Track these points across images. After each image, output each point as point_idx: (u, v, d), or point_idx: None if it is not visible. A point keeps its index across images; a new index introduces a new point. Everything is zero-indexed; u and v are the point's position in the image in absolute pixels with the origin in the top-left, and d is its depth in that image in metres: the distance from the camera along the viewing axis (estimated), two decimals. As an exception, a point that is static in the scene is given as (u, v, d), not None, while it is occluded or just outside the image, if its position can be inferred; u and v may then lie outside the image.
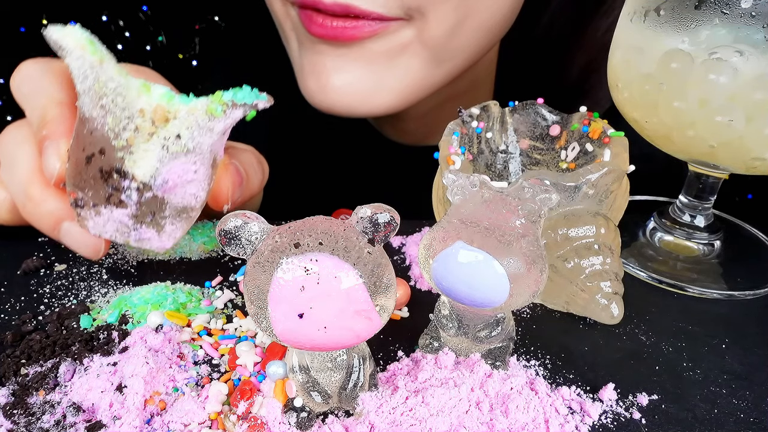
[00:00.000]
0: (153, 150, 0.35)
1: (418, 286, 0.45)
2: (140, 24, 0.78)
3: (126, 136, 0.34)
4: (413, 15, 0.50)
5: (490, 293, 0.30)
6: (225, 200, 0.41)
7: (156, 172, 0.35)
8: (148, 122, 0.34)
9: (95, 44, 0.34)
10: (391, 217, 0.28)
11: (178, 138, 0.34)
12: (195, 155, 0.35)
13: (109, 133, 0.34)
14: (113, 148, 0.34)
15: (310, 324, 0.27)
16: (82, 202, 0.36)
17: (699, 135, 0.41)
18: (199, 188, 0.37)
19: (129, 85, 0.34)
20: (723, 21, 0.38)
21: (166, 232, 0.38)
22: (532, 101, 0.48)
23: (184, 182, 0.36)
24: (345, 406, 0.33)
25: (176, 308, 0.41)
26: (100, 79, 0.33)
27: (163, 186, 0.36)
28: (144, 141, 0.35)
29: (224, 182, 0.40)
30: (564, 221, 0.41)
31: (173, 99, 0.35)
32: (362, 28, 0.49)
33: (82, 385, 0.33)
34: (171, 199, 0.37)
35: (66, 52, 0.33)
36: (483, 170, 0.49)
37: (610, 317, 0.40)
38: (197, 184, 0.37)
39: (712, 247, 0.50)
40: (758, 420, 0.34)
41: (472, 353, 0.35)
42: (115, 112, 0.34)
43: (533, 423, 0.32)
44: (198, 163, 0.36)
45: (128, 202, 0.36)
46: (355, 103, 0.54)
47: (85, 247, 0.39)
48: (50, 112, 0.37)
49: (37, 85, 0.39)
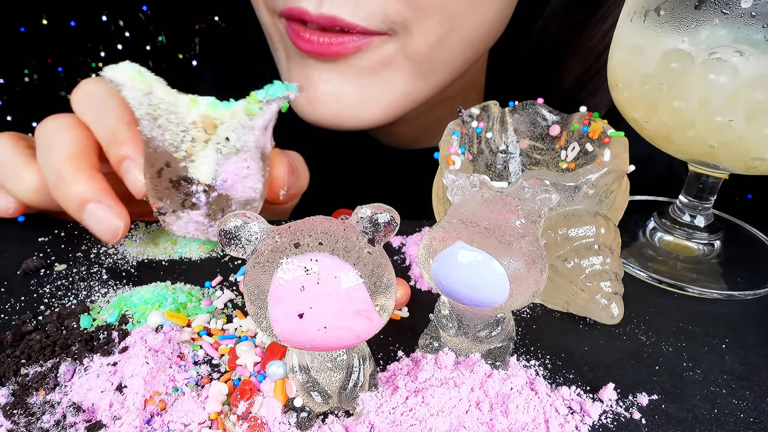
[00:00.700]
0: (210, 155, 0.39)
1: (418, 286, 0.45)
2: (140, 24, 0.78)
3: (185, 148, 0.39)
4: (397, 30, 0.51)
5: (490, 293, 0.30)
6: (281, 185, 0.45)
7: (215, 174, 0.40)
8: (201, 131, 0.39)
9: (143, 74, 0.39)
10: (391, 217, 0.28)
11: (227, 140, 0.39)
12: (244, 153, 0.40)
13: (170, 147, 0.39)
14: (176, 159, 0.39)
15: (310, 324, 0.27)
16: (164, 210, 0.42)
17: (699, 135, 0.41)
18: (255, 181, 0.42)
19: (178, 102, 0.38)
20: (723, 21, 0.38)
21: None
22: (532, 101, 0.48)
23: (241, 178, 0.41)
24: (345, 406, 0.33)
25: (176, 308, 0.41)
26: (152, 103, 0.38)
27: (223, 185, 0.41)
28: (201, 149, 0.39)
29: (278, 170, 0.45)
30: (564, 221, 0.41)
31: (218, 107, 0.39)
32: (346, 45, 0.50)
33: (82, 385, 0.33)
34: (233, 195, 0.42)
35: (120, 87, 0.38)
36: (483, 170, 0.49)
37: (610, 317, 0.40)
38: (252, 178, 0.41)
39: (712, 247, 0.50)
40: (758, 420, 0.34)
41: (472, 353, 0.35)
42: (170, 129, 0.39)
43: (533, 423, 0.32)
44: (248, 159, 0.40)
45: (199, 203, 0.41)
46: (343, 115, 0.55)
47: (105, 228, 0.41)
48: (123, 132, 0.41)
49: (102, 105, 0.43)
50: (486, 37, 0.56)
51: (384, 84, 0.54)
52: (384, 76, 0.54)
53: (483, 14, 0.53)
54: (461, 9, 0.51)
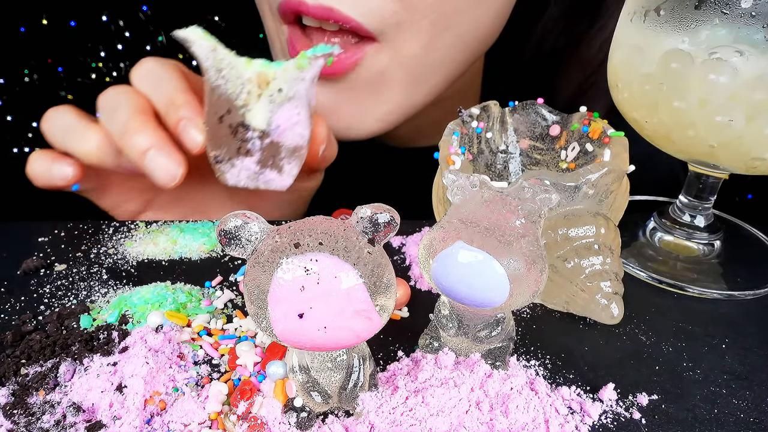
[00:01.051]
0: (264, 105, 0.44)
1: (418, 286, 0.45)
2: (140, 24, 0.78)
3: (243, 98, 0.43)
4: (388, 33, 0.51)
5: (490, 293, 0.30)
6: (322, 141, 0.49)
7: (270, 120, 0.44)
8: (255, 86, 0.43)
9: (209, 36, 0.44)
10: (391, 217, 0.28)
11: (280, 91, 0.44)
12: (296, 100, 0.44)
13: (232, 95, 0.43)
14: (236, 107, 0.44)
15: (310, 324, 0.27)
16: (220, 157, 0.45)
17: (699, 135, 0.41)
18: (303, 128, 0.46)
19: (237, 61, 0.44)
20: (723, 21, 0.38)
21: (285, 171, 0.47)
22: (531, 101, 0.48)
23: (292, 125, 0.45)
24: (345, 406, 0.33)
25: (176, 308, 0.41)
26: (217, 57, 0.43)
27: (276, 130, 0.45)
28: (255, 101, 0.44)
29: (319, 127, 0.48)
30: (564, 221, 0.41)
31: (270, 65, 0.44)
32: (344, 62, 0.52)
33: (82, 385, 0.33)
34: (284, 141, 0.45)
35: (191, 42, 0.43)
36: (483, 170, 0.49)
37: (610, 317, 0.40)
38: (302, 125, 0.46)
39: (712, 247, 0.50)
40: (758, 420, 0.34)
41: (472, 353, 0.35)
42: (232, 80, 0.43)
43: (533, 423, 0.32)
44: (299, 106, 0.45)
45: (253, 149, 0.45)
46: (341, 128, 0.57)
47: (166, 173, 0.45)
48: (179, 97, 0.46)
49: (159, 77, 0.47)
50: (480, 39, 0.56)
51: (380, 96, 0.55)
52: (380, 89, 0.55)
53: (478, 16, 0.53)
54: (455, 9, 0.51)
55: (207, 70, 0.43)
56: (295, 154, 0.47)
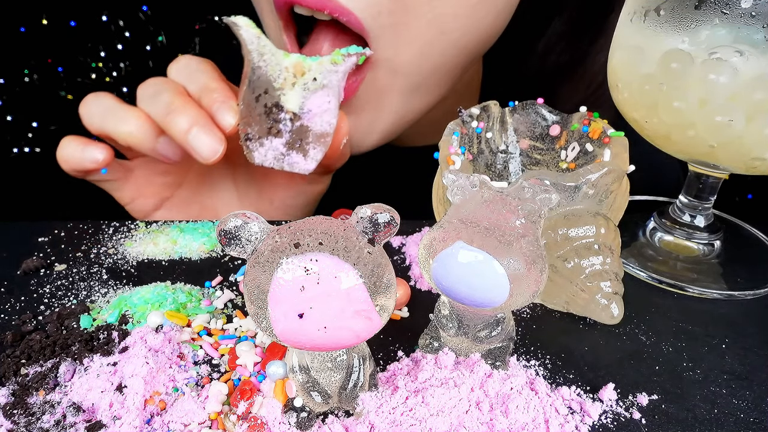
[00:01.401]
0: (298, 91, 0.48)
1: (418, 286, 0.45)
2: (140, 24, 0.78)
3: (280, 82, 0.48)
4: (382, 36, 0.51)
5: (490, 293, 0.30)
6: (344, 135, 0.52)
7: (302, 104, 0.48)
8: (292, 75, 0.48)
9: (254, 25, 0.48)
10: (391, 217, 0.28)
11: (315, 80, 0.48)
12: (328, 89, 0.48)
13: (271, 77, 0.48)
14: (273, 88, 0.48)
15: (310, 324, 0.27)
16: (251, 135, 0.48)
17: (699, 135, 0.41)
18: (331, 116, 0.49)
19: (277, 51, 0.48)
20: (723, 21, 0.38)
21: (309, 156, 0.50)
22: (532, 101, 0.48)
23: (321, 111, 0.49)
24: (345, 406, 0.33)
25: (176, 308, 0.41)
26: (261, 43, 0.47)
27: (307, 114, 0.48)
28: (290, 88, 0.48)
29: (343, 122, 0.52)
30: (564, 221, 0.41)
31: (306, 59, 0.48)
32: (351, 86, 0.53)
33: (82, 385, 0.33)
34: (313, 126, 0.49)
35: (239, 27, 0.47)
36: (483, 170, 0.49)
37: (610, 317, 0.40)
38: (330, 113, 0.49)
39: (712, 247, 0.50)
40: (758, 420, 0.34)
41: (472, 353, 0.35)
42: (272, 65, 0.47)
43: (533, 423, 0.32)
44: (330, 95, 0.49)
45: (284, 130, 0.49)
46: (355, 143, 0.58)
47: (208, 149, 0.47)
48: (213, 84, 0.50)
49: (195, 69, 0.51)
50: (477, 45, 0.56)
51: (381, 111, 0.56)
52: (380, 104, 0.56)
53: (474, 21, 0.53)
54: (451, 13, 0.51)
55: (250, 52, 0.47)
56: (320, 140, 0.50)
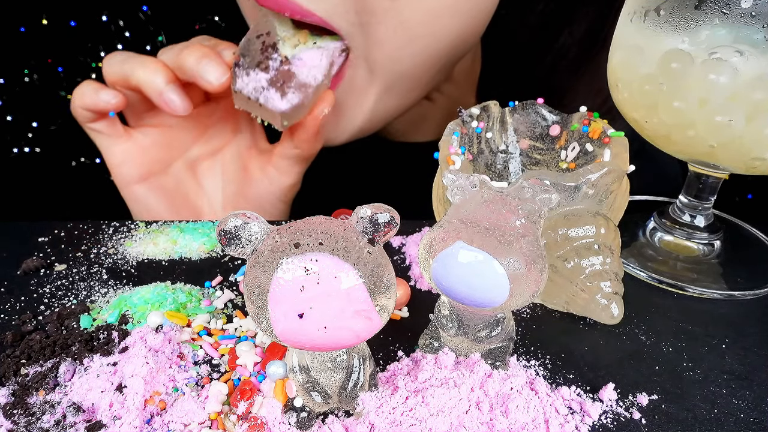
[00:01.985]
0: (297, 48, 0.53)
1: (418, 286, 0.45)
2: (140, 24, 0.78)
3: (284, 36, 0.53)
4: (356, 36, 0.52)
5: (490, 293, 0.30)
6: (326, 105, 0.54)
7: (296, 53, 0.52)
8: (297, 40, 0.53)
9: None
10: (391, 217, 0.28)
11: (314, 43, 0.53)
12: (323, 50, 0.52)
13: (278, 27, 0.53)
14: (276, 34, 0.53)
15: (310, 324, 0.27)
16: (241, 63, 0.52)
17: (699, 135, 0.41)
18: (319, 72, 0.52)
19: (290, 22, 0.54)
20: (723, 21, 0.38)
21: (287, 97, 0.51)
22: (532, 101, 0.48)
23: (311, 66, 0.52)
24: (345, 406, 0.33)
25: (176, 308, 0.41)
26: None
27: (298, 62, 0.52)
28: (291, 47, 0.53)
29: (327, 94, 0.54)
30: (564, 221, 0.41)
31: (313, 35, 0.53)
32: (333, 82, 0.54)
33: (82, 385, 0.33)
34: (299, 74, 0.52)
35: None
36: (483, 170, 0.49)
37: (610, 317, 0.40)
38: (319, 70, 0.52)
39: (712, 247, 0.50)
40: (758, 420, 0.34)
41: (472, 353, 0.35)
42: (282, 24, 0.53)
43: (533, 423, 0.32)
44: (323, 56, 0.52)
45: (272, 67, 0.52)
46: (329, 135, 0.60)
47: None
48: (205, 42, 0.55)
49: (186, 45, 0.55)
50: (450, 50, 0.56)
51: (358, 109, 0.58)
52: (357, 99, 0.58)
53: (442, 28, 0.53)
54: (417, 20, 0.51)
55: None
56: (301, 89, 0.52)
